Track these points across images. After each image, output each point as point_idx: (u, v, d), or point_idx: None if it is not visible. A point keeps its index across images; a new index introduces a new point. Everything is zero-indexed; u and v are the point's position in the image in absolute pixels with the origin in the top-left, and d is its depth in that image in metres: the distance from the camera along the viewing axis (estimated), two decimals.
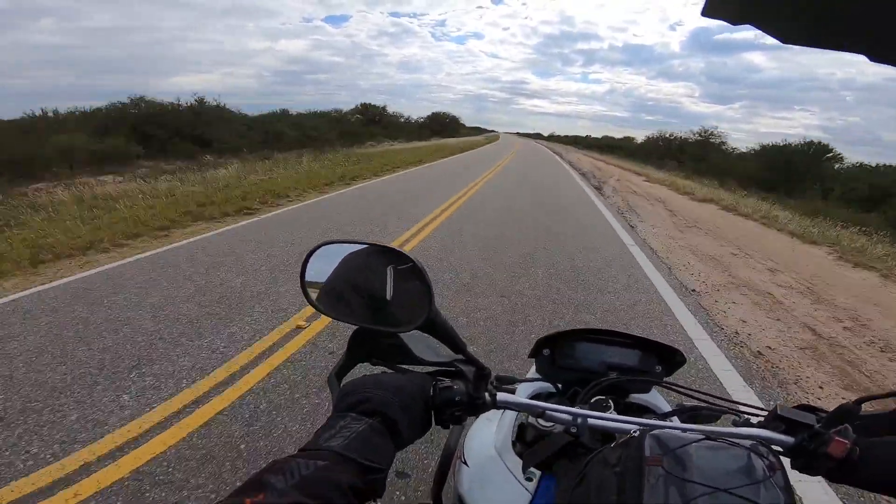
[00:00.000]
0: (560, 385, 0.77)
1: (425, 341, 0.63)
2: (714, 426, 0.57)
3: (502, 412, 0.81)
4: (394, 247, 0.57)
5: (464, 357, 0.59)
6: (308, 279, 0.60)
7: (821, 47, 0.39)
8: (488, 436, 0.81)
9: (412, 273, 0.53)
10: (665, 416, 0.71)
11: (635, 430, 0.46)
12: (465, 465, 0.79)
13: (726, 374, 2.77)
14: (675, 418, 0.68)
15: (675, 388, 0.71)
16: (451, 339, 0.56)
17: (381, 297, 0.55)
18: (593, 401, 0.65)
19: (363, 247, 0.59)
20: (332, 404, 0.51)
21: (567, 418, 0.56)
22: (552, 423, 0.60)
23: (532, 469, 0.64)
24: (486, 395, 0.58)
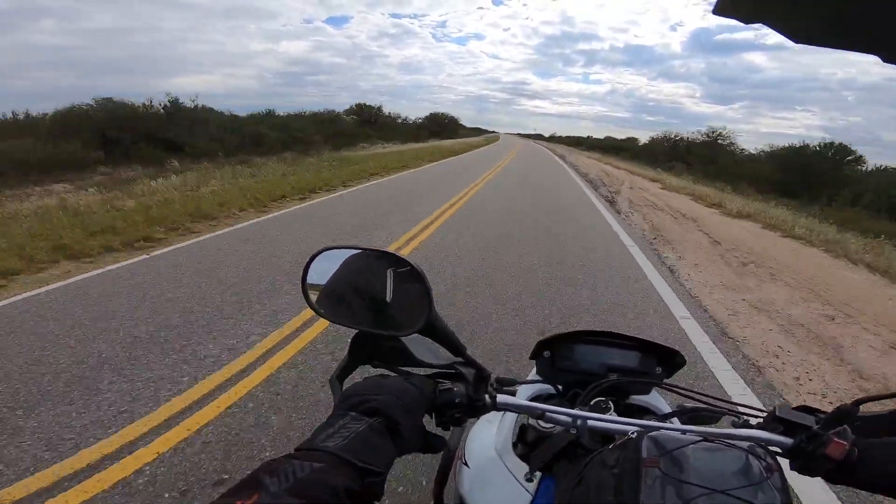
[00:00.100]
0: (560, 387, 0.78)
1: (425, 344, 0.62)
2: (713, 428, 0.57)
3: (503, 414, 0.82)
4: (393, 252, 0.57)
5: (464, 359, 0.59)
6: (310, 282, 0.60)
7: (834, 47, 0.39)
8: (489, 437, 0.82)
9: (412, 276, 0.54)
10: (664, 417, 0.70)
11: (633, 432, 0.46)
12: (466, 466, 0.80)
13: None
14: (675, 420, 0.67)
15: (675, 389, 0.70)
16: (450, 341, 0.57)
17: (381, 300, 0.56)
18: (593, 402, 0.66)
19: (363, 251, 0.60)
20: (333, 406, 0.49)
21: (567, 420, 0.57)
22: (552, 425, 0.62)
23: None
24: (487, 397, 0.58)
